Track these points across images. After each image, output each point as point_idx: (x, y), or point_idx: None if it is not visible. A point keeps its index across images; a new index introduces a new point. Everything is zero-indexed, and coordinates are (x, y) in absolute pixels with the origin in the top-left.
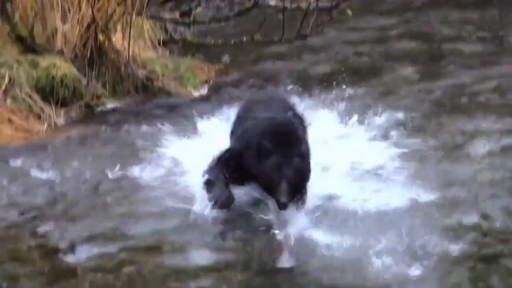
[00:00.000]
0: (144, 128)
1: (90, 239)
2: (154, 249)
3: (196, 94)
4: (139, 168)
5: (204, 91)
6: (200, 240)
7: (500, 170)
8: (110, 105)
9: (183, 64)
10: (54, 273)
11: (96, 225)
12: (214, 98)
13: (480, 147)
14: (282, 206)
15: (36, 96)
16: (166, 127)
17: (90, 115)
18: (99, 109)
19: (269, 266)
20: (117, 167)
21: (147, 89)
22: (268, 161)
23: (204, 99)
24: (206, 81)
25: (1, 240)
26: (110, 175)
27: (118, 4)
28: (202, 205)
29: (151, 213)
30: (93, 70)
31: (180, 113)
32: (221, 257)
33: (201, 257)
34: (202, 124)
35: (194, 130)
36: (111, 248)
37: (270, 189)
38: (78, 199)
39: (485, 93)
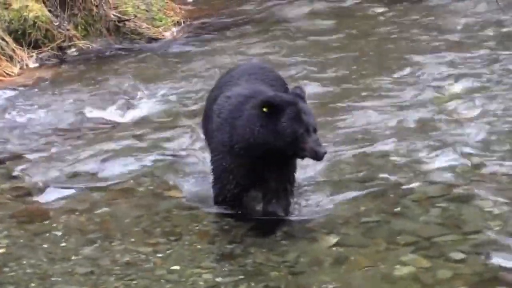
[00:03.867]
0: (117, 70)
1: (63, 180)
2: (128, 190)
3: (168, 35)
4: (112, 110)
5: (176, 32)
6: (174, 182)
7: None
8: (82, 46)
9: (155, 4)
10: (27, 215)
11: (69, 167)
12: (185, 40)
13: None
14: (321, 156)
15: (8, 38)
16: (139, 70)
17: (62, 56)
18: (71, 50)
19: None
20: (90, 109)
21: (119, 30)
22: (285, 114)
23: (176, 40)
24: (178, 22)
25: None
26: (82, 117)
27: None
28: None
29: (125, 155)
30: (65, 12)
31: (152, 55)
32: (194, 198)
33: (175, 198)
34: (174, 67)
35: (167, 73)
36: (84, 189)
37: (294, 147)
38: (50, 141)
39: None
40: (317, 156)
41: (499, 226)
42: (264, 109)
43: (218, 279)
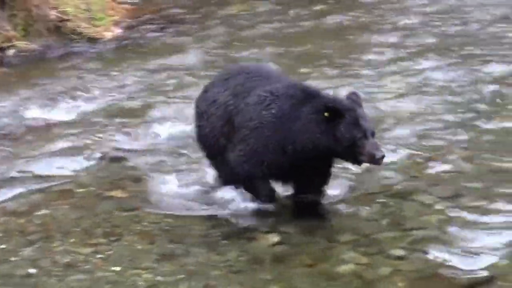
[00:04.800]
0: (57, 70)
1: (2, 182)
2: (68, 191)
3: (108, 34)
4: (52, 110)
5: (116, 31)
6: (115, 182)
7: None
8: (22, 47)
9: (95, 4)
10: None
11: (7, 169)
12: (126, 39)
13: None
14: (378, 160)
15: None
16: (78, 70)
17: (1, 58)
18: (10, 51)
19: None
20: (30, 110)
21: (59, 30)
22: (345, 120)
23: (116, 39)
24: (119, 21)
25: None
26: (22, 118)
27: None
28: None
29: (65, 156)
30: (3, 12)
31: (92, 55)
32: (135, 198)
33: (116, 198)
34: (114, 66)
35: (107, 72)
36: (24, 191)
37: (351, 151)
38: None
39: None
40: (374, 160)
41: (439, 222)
42: (326, 114)
43: (158, 278)
